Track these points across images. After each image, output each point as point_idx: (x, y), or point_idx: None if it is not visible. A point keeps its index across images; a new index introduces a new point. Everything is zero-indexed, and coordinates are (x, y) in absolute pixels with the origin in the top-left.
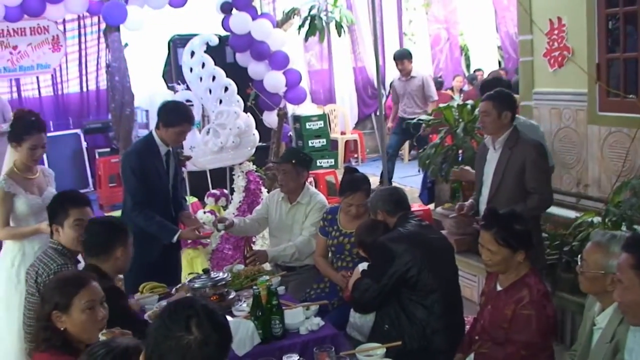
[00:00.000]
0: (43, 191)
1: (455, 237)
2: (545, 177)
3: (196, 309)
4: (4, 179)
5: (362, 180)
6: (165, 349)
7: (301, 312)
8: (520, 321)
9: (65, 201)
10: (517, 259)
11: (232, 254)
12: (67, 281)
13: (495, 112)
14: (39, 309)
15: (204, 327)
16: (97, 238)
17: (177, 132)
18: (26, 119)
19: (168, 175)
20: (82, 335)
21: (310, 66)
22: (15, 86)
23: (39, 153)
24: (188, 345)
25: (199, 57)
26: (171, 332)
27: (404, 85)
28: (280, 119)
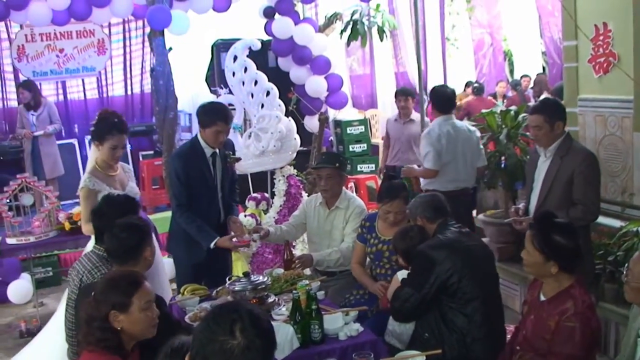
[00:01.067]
0: (125, 186)
1: (498, 245)
2: (592, 189)
3: (241, 314)
4: (88, 177)
5: (400, 188)
6: (209, 352)
7: (340, 317)
8: (564, 333)
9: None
10: (550, 269)
11: (272, 257)
12: (124, 281)
13: (547, 125)
14: (93, 310)
15: (248, 333)
16: (124, 243)
17: (214, 131)
18: (109, 120)
19: (214, 178)
20: (139, 334)
21: (352, 71)
22: (62, 89)
23: (119, 153)
24: (231, 350)
25: (241, 62)
26: (215, 335)
27: (401, 128)
28: (322, 123)
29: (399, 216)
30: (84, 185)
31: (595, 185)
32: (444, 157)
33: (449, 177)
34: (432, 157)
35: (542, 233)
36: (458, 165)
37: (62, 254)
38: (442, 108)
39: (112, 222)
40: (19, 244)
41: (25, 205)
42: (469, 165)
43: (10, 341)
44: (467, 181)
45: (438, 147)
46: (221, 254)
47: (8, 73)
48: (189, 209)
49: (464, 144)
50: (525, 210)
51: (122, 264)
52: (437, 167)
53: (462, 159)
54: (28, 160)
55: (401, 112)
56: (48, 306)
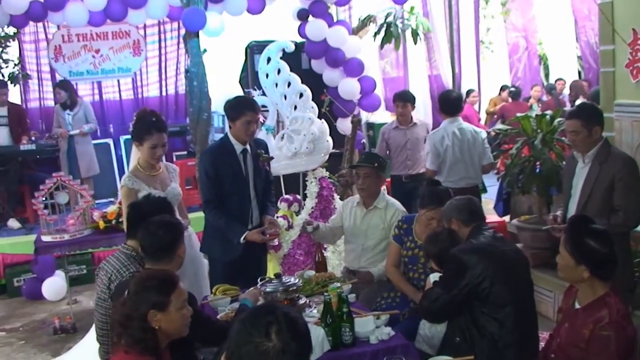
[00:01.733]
0: (167, 186)
1: (531, 251)
2: (633, 195)
3: (277, 316)
4: (128, 176)
5: (445, 194)
6: (244, 353)
7: (372, 320)
8: (598, 342)
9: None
10: (582, 273)
11: (303, 259)
12: (161, 280)
13: (585, 131)
14: (131, 310)
15: (283, 335)
16: (159, 240)
17: (244, 122)
18: (147, 120)
19: (246, 176)
20: (174, 333)
21: (384, 73)
22: (97, 89)
23: (159, 152)
24: (266, 352)
25: (275, 63)
26: (251, 336)
27: (404, 134)
28: (354, 126)
29: (442, 223)
30: (124, 184)
31: (637, 191)
32: (450, 158)
33: (459, 175)
34: (430, 157)
35: (574, 236)
36: (466, 164)
37: (96, 252)
38: (448, 110)
39: (145, 218)
40: (54, 242)
41: (61, 204)
42: (476, 164)
43: (44, 337)
44: (475, 179)
45: (439, 148)
46: (256, 255)
47: (45, 73)
48: (217, 206)
49: (470, 145)
50: (563, 217)
51: (156, 262)
52: (434, 167)
53: (469, 159)
54: (64, 159)
55: (400, 119)
56: (81, 303)
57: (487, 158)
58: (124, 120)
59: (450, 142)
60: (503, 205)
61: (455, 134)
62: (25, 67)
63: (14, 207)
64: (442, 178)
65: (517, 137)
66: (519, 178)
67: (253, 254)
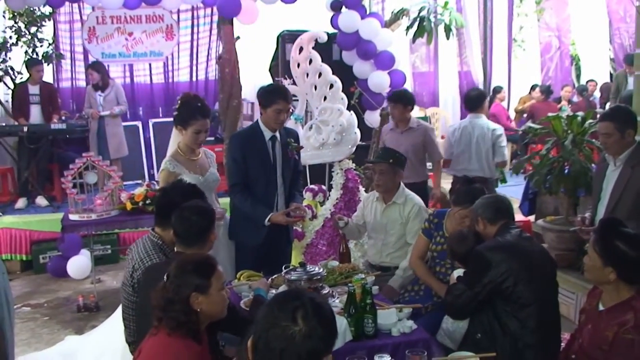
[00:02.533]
0: (205, 171)
1: (556, 252)
2: None
3: (303, 301)
4: (169, 160)
5: (481, 192)
6: (271, 337)
7: (394, 313)
8: (622, 345)
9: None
10: (608, 275)
11: (326, 249)
12: (202, 264)
13: (617, 133)
14: (173, 294)
15: (310, 320)
16: (193, 226)
17: (274, 110)
18: (192, 105)
19: (274, 162)
20: (214, 315)
21: (414, 68)
22: (129, 71)
23: (202, 137)
24: (292, 336)
25: (306, 53)
26: (278, 320)
27: (398, 138)
28: (383, 119)
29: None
30: (164, 167)
31: None
32: (456, 148)
33: (461, 166)
34: (444, 147)
35: (604, 237)
36: (471, 156)
37: (122, 233)
38: (468, 106)
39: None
40: (81, 221)
41: (89, 184)
42: (483, 159)
43: (67, 314)
44: (479, 171)
45: (450, 139)
46: (281, 243)
47: (78, 54)
48: (243, 189)
49: (478, 139)
50: (592, 220)
51: (189, 247)
52: (446, 156)
53: (475, 152)
54: (93, 140)
55: (396, 121)
56: (105, 283)
57: (499, 155)
58: (154, 103)
59: (459, 134)
60: (529, 205)
61: (467, 128)
62: (59, 47)
63: (43, 185)
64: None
65: (547, 137)
66: (547, 178)
67: (278, 241)
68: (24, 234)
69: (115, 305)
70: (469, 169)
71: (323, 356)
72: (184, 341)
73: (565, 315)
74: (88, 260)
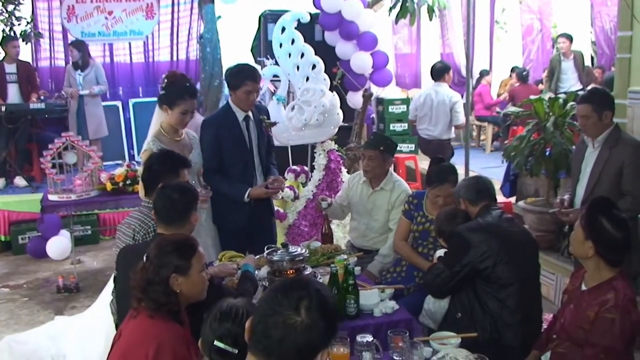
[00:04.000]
0: (189, 153)
1: (536, 234)
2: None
3: (309, 292)
4: (152, 140)
5: (449, 171)
6: (270, 324)
7: (376, 294)
8: (603, 324)
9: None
10: (587, 250)
11: (308, 230)
12: (183, 245)
13: (595, 115)
14: (153, 274)
15: (312, 312)
16: (174, 204)
17: (244, 92)
18: (180, 84)
19: (249, 142)
20: (194, 297)
21: (397, 49)
22: (109, 51)
23: (188, 118)
24: (293, 327)
25: (289, 33)
26: (280, 308)
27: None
28: (365, 100)
29: (448, 200)
30: (147, 147)
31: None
32: (420, 112)
33: (423, 126)
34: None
35: (591, 212)
36: (431, 119)
37: (102, 214)
38: (432, 76)
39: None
40: (60, 201)
41: (69, 164)
42: (440, 122)
43: (47, 295)
44: (438, 133)
45: (416, 102)
46: (265, 224)
47: (57, 33)
48: (218, 172)
49: (438, 105)
50: (570, 201)
51: (169, 225)
52: (411, 117)
53: (434, 116)
54: (73, 120)
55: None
56: (85, 264)
57: (455, 119)
58: (134, 83)
59: (422, 100)
60: (510, 187)
61: (430, 95)
62: (37, 25)
63: (22, 165)
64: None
65: (528, 120)
66: (528, 160)
67: (262, 222)
68: (3, 214)
69: (95, 286)
70: (430, 129)
71: (320, 350)
72: (166, 323)
73: (545, 296)
74: (68, 241)
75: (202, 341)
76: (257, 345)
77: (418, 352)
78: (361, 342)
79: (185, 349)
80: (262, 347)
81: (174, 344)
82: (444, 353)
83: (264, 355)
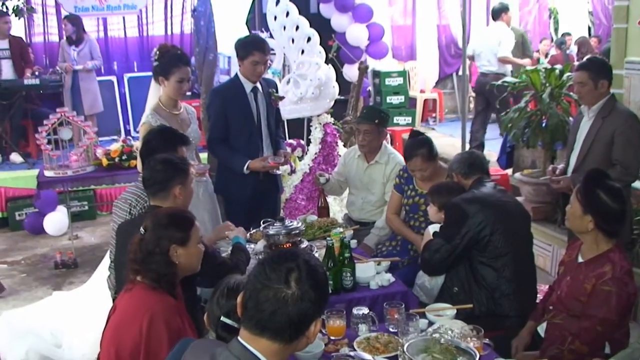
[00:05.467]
0: (187, 127)
1: (533, 205)
2: (632, 150)
3: (298, 263)
4: (150, 113)
5: (416, 145)
6: (262, 298)
7: (372, 266)
8: (599, 297)
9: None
10: (586, 224)
11: (305, 204)
12: (181, 217)
13: (591, 82)
14: (153, 246)
15: (303, 283)
16: (155, 175)
17: (251, 62)
18: (172, 53)
19: (257, 114)
20: (191, 268)
21: (393, 21)
22: (103, 25)
23: (185, 86)
24: (284, 299)
25: (283, 6)
26: (270, 282)
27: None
28: (361, 73)
29: (423, 173)
30: (146, 121)
31: (636, 147)
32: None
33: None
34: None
35: (587, 186)
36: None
37: (98, 190)
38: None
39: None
40: (57, 177)
41: (64, 140)
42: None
43: (45, 271)
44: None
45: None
46: (272, 195)
47: (50, 7)
48: (221, 142)
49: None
50: (564, 170)
51: (153, 196)
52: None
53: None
54: (67, 95)
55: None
56: (82, 239)
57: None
58: (129, 58)
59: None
60: (507, 159)
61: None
62: (30, 0)
63: (17, 142)
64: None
65: (525, 90)
66: (525, 131)
67: (266, 196)
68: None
69: (93, 261)
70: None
71: (314, 319)
72: (160, 296)
73: (542, 267)
74: (65, 216)
75: (207, 316)
76: (250, 320)
77: (414, 324)
78: (357, 314)
79: (179, 320)
80: (255, 321)
81: (167, 315)
82: (439, 324)
83: (257, 329)
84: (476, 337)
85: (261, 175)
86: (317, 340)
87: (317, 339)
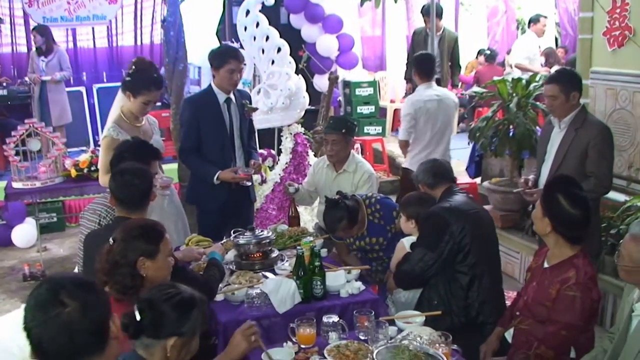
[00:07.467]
0: (149, 138)
1: (501, 213)
2: (605, 163)
3: (57, 282)
4: (112, 126)
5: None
6: (48, 335)
7: (343, 275)
8: (564, 302)
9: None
10: (545, 226)
11: (276, 214)
12: (151, 229)
13: (563, 96)
14: (120, 257)
15: (76, 294)
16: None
17: (227, 70)
18: (148, 74)
19: (230, 125)
20: (159, 281)
21: (363, 32)
22: (72, 36)
23: (149, 108)
24: (69, 318)
25: (253, 16)
26: (46, 314)
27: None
28: (331, 83)
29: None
30: (108, 134)
31: (609, 159)
32: None
33: None
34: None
35: (549, 189)
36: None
37: (67, 201)
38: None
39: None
40: (25, 189)
41: (32, 151)
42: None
43: (13, 284)
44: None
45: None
46: (244, 205)
47: (18, 18)
48: (192, 152)
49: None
50: (535, 182)
51: (132, 211)
52: None
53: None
54: (36, 107)
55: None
56: (51, 251)
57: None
58: (98, 68)
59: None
60: (475, 167)
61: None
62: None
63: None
64: None
65: (492, 100)
66: (493, 141)
67: (241, 203)
68: None
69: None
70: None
71: (109, 318)
72: (126, 308)
73: (510, 274)
74: (33, 228)
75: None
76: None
77: (383, 331)
78: (327, 322)
79: None
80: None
81: None
82: (408, 331)
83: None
84: (444, 343)
85: (233, 185)
86: (287, 349)
87: (288, 347)
